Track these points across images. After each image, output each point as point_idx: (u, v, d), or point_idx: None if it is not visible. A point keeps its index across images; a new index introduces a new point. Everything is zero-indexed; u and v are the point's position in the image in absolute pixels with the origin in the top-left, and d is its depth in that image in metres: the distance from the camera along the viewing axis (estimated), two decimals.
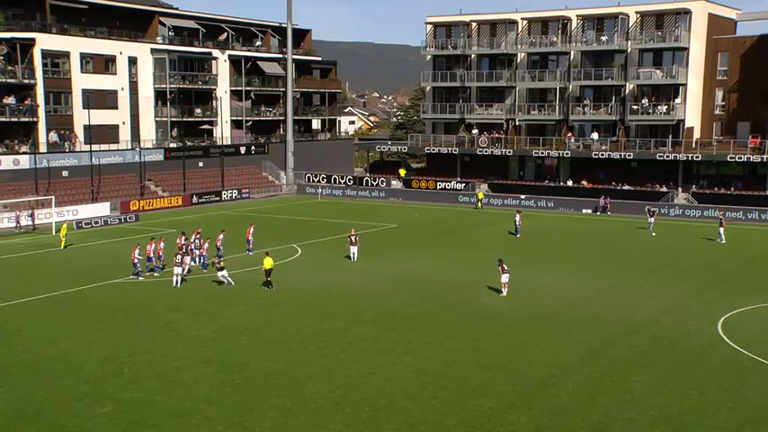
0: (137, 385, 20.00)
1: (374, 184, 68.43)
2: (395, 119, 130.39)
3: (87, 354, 22.51)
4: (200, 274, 33.92)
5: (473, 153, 67.57)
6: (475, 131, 68.65)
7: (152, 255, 33.64)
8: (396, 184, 68.45)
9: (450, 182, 65.51)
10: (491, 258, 34.38)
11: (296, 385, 20.15)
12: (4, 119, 55.97)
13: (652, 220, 46.99)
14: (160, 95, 67.42)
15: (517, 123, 67.79)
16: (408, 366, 21.67)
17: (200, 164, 66.28)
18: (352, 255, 36.64)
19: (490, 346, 23.64)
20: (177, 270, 31.31)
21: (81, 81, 60.57)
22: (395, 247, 41.11)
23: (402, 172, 70.43)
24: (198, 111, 69.81)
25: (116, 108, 63.57)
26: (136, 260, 32.83)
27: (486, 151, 66.51)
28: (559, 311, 27.64)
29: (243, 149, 70.72)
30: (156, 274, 33.55)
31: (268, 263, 31.00)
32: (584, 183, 62.28)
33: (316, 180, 70.62)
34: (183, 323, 26.06)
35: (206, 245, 35.34)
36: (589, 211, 56.81)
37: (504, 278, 29.88)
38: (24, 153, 54.66)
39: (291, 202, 64.44)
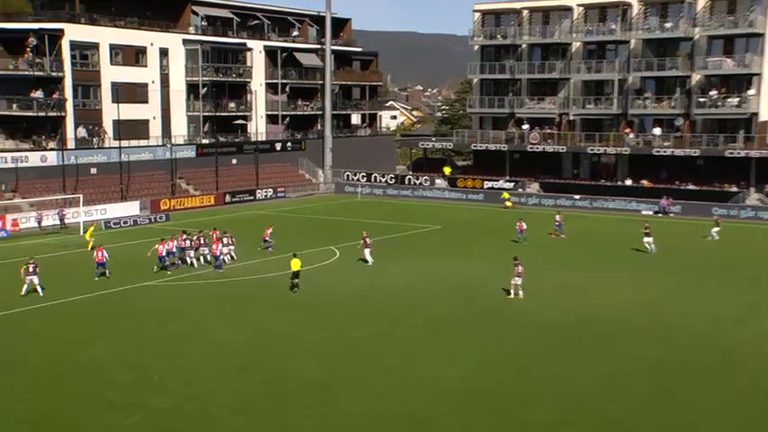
0: (166, 393, 20.31)
1: (417, 182, 68.38)
2: (439, 113, 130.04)
3: (115, 359, 22.95)
4: (234, 276, 34.35)
5: (523, 150, 67.06)
6: (525, 127, 68.12)
7: (164, 252, 35.27)
8: (440, 182, 68.30)
9: (499, 180, 65.15)
10: (539, 261, 34.14)
11: (333, 395, 20.24)
12: (31, 113, 57.40)
13: (716, 230, 45.14)
14: (192, 89, 68.42)
15: (571, 118, 67.07)
16: (452, 375, 21.63)
17: (234, 161, 67.07)
18: (366, 257, 36.79)
19: (539, 354, 23.46)
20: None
21: (110, 74, 61.82)
22: (438, 250, 41.11)
23: (447, 170, 70.24)
24: (231, 105, 70.65)
25: (146, 102, 64.72)
26: (163, 254, 34.95)
27: (537, 148, 65.95)
28: (613, 318, 27.30)
29: (278, 146, 71.36)
30: (168, 272, 34.79)
31: (295, 264, 31.28)
32: (644, 182, 61.32)
33: (355, 178, 70.87)
34: (214, 327, 26.40)
35: (219, 245, 36.05)
36: (649, 212, 55.93)
37: (517, 279, 30.07)
38: (52, 149, 55.99)
39: (329, 201, 64.78)
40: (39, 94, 58.02)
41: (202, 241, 37.24)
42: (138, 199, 56.12)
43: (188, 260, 36.33)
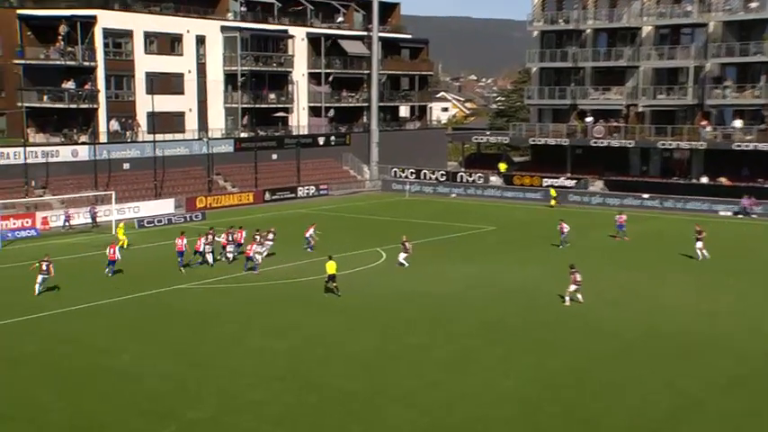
0: (202, 403, 20.55)
1: (470, 180, 68.12)
2: (494, 105, 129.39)
3: (149, 366, 23.32)
4: (273, 279, 34.62)
5: (586, 145, 66.29)
6: (589, 119, 67.29)
7: (184, 248, 36.48)
8: (495, 180, 67.93)
9: (559, 178, 64.62)
10: (603, 267, 33.67)
11: (378, 409, 20.25)
12: (62, 105, 58.79)
13: None
14: (230, 79, 69.24)
15: (640, 109, 66.02)
16: (508, 390, 21.48)
17: (274, 156, 67.65)
18: (402, 261, 36.74)
19: (603, 368, 23.15)
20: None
21: (144, 63, 62.95)
22: (492, 252, 40.90)
23: (502, 166, 69.78)
24: (272, 96, 71.30)
25: (182, 93, 65.73)
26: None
27: (601, 142, 65.09)
28: (685, 330, 26.83)
29: (321, 140, 71.75)
30: (185, 269, 36.15)
31: (331, 267, 31.46)
32: (723, 180, 60.00)
33: (403, 175, 70.88)
34: (253, 334, 26.65)
35: (254, 246, 36.78)
36: (728, 213, 54.73)
37: (573, 287, 29.97)
38: (83, 143, 57.17)
39: (375, 199, 64.88)
40: (70, 84, 59.34)
41: (230, 238, 38.32)
42: (172, 196, 56.99)
43: (229, 256, 37.90)
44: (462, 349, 24.94)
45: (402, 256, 37.01)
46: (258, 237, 37.53)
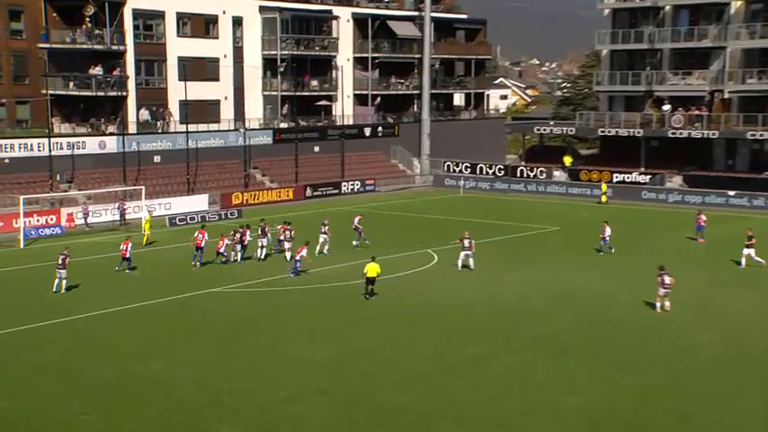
0: (237, 418, 20.80)
1: (531, 175, 67.76)
2: (559, 92, 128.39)
3: (181, 376, 23.70)
4: (315, 282, 34.87)
5: (663, 136, 65.45)
6: (666, 107, 66.37)
7: (203, 243, 37.69)
8: (559, 175, 67.48)
9: (631, 173, 64.07)
10: (681, 273, 33.23)
11: (430, 426, 20.28)
12: (89, 93, 59.84)
13: None
14: (269, 64, 69.81)
15: (726, 96, 64.91)
16: (572, 408, 21.37)
17: (316, 148, 68.09)
18: (464, 262, 36.59)
19: (683, 388, 22.86)
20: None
21: (177, 47, 63.74)
22: (556, 255, 40.69)
23: (567, 160, 69.28)
24: (314, 83, 71.72)
25: (217, 80, 66.47)
26: (202, 244, 37.48)
27: (681, 133, 64.17)
28: None
29: (368, 131, 71.99)
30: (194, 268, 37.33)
31: (372, 270, 31.58)
32: None
33: (457, 170, 70.76)
34: (293, 342, 26.89)
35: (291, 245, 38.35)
36: None
37: (662, 291, 29.76)
38: (111, 134, 58.18)
39: (426, 196, 64.86)
40: (98, 70, 60.33)
41: (238, 237, 39.21)
42: (206, 192, 57.71)
43: (260, 253, 39.24)
44: (522, 362, 24.88)
45: (463, 256, 36.76)
46: (288, 231, 39.06)
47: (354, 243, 41.96)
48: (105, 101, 60.75)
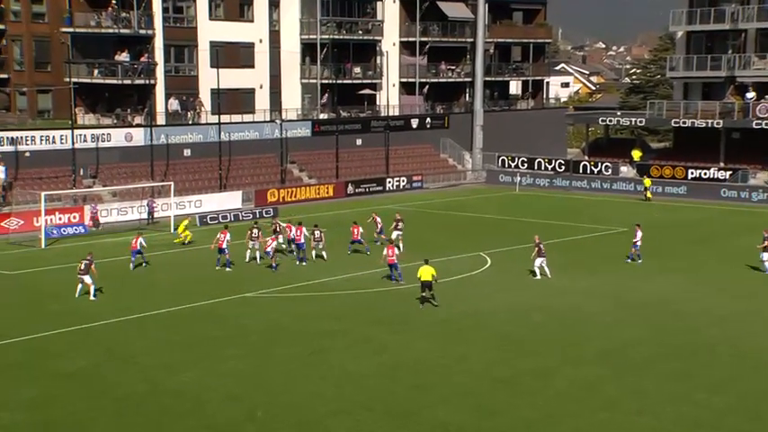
0: None
1: (595, 170, 67.27)
2: (627, 79, 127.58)
3: (213, 388, 23.92)
4: (355, 287, 35.00)
5: (746, 127, 64.68)
6: (750, 95, 65.46)
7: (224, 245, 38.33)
8: (626, 171, 66.95)
9: (709, 169, 63.46)
10: (757, 281, 32.82)
11: None
12: (115, 80, 60.69)
13: None
14: (308, 49, 70.19)
15: None
16: (644, 428, 21.26)
17: (359, 141, 68.30)
18: (539, 270, 36.42)
19: (762, 408, 22.53)
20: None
21: (209, 31, 64.33)
22: (622, 260, 40.31)
23: (636, 154, 68.69)
24: (357, 70, 71.96)
25: (252, 67, 66.96)
26: (224, 245, 38.09)
27: (766, 124, 63.23)
28: None
29: (415, 122, 72.03)
30: (228, 269, 38.14)
31: (426, 273, 31.66)
32: None
33: (513, 165, 70.52)
34: (335, 353, 27.02)
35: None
36: None
37: None
38: (138, 126, 58.91)
39: (479, 194, 64.72)
40: (124, 56, 61.11)
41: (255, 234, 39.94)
42: (239, 188, 58.22)
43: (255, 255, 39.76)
44: (586, 377, 24.73)
45: (539, 262, 36.63)
46: (318, 231, 39.77)
47: (379, 241, 42.41)
48: (132, 90, 61.54)
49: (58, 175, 53.48)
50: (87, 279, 33.04)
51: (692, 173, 63.59)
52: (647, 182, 61.39)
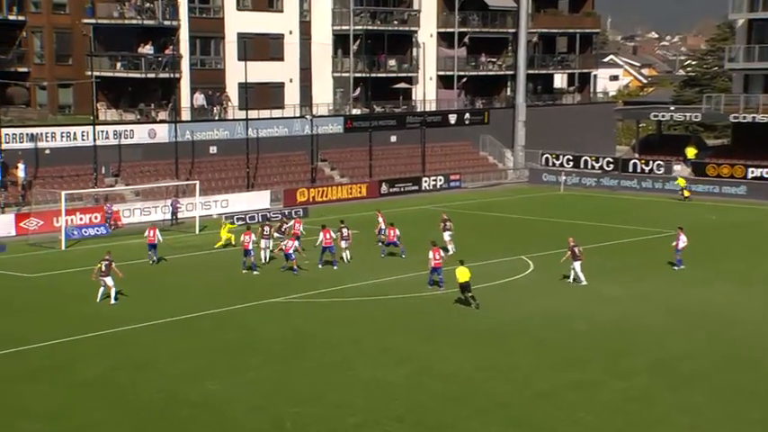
0: None
1: (646, 169, 66.85)
2: (682, 71, 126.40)
3: (237, 399, 24.11)
4: (386, 293, 35.10)
5: None
6: None
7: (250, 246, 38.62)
8: (680, 169, 66.46)
9: None
10: None
11: None
12: (138, 74, 61.26)
13: None
14: (340, 41, 70.40)
15: None
16: None
17: (393, 138, 68.38)
18: (575, 274, 36.33)
19: None
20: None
21: (236, 22, 64.71)
22: (672, 264, 40.01)
23: (691, 152, 68.13)
24: (391, 63, 72.04)
25: (281, 59, 67.27)
26: (249, 247, 38.29)
27: None
28: None
29: (453, 118, 71.99)
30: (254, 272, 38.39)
31: (463, 274, 31.83)
32: None
33: (557, 163, 70.26)
34: (363, 361, 27.16)
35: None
36: None
37: None
38: (162, 122, 59.42)
39: (521, 194, 64.58)
40: (148, 48, 61.63)
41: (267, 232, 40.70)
42: (268, 188, 58.57)
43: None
44: (633, 391, 24.58)
45: (577, 266, 36.51)
46: (345, 229, 40.18)
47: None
48: (156, 84, 62.04)
49: (79, 174, 54.06)
50: (109, 281, 33.38)
51: (753, 172, 62.87)
52: (682, 181, 60.93)
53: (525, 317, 31.89)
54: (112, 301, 33.37)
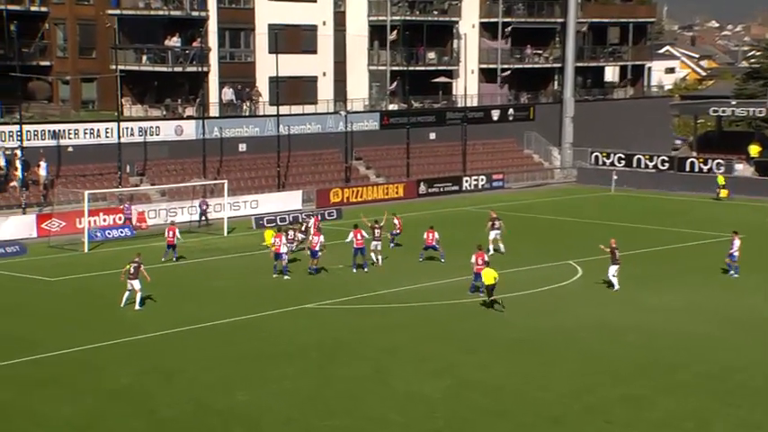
0: None
1: (705, 168, 66.43)
2: (745, 63, 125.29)
3: (268, 410, 24.36)
4: (422, 300, 35.26)
5: None
6: None
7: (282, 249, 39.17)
8: (742, 168, 65.97)
9: None
10: None
11: None
12: (164, 68, 61.63)
13: None
14: (377, 33, 70.47)
15: None
16: None
17: (432, 135, 68.42)
18: (612, 279, 36.36)
19: None
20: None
21: (267, 13, 65.03)
22: (726, 272, 39.83)
23: (754, 150, 67.60)
24: (431, 55, 72.00)
25: (314, 52, 67.50)
26: (282, 251, 38.86)
27: None
28: None
29: (496, 114, 71.90)
30: (285, 276, 38.88)
31: (488, 276, 32.16)
32: None
33: (608, 162, 69.99)
34: (400, 372, 27.28)
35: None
36: None
37: None
38: (190, 118, 59.82)
39: (568, 194, 64.43)
40: (175, 41, 61.96)
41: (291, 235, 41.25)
42: (300, 188, 58.87)
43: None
44: (686, 407, 24.51)
45: (613, 271, 36.62)
46: (377, 229, 40.70)
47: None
48: (183, 78, 62.41)
49: (103, 172, 54.49)
50: (137, 284, 33.73)
51: None
52: (721, 179, 60.61)
53: (572, 326, 31.88)
54: (137, 307, 33.76)
